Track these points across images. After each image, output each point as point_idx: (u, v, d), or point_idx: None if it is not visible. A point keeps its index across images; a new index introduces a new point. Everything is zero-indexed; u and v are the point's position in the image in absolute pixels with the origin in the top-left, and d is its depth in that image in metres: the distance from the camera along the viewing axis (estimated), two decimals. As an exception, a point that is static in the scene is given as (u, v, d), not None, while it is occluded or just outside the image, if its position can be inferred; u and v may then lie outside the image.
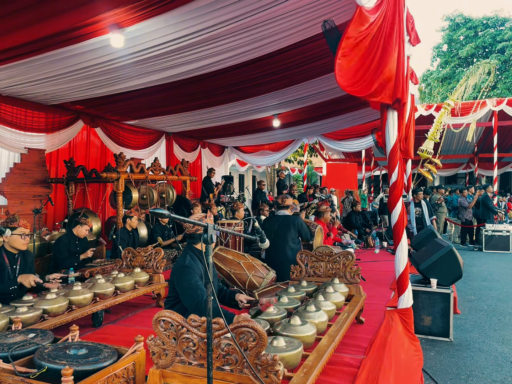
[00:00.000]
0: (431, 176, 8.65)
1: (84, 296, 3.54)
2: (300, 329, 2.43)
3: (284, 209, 5.43)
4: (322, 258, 3.96)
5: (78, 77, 5.32)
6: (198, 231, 2.99)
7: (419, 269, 4.77)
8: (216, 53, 4.87)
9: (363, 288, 3.79)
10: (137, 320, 4.01)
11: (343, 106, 8.52)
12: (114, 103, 6.83)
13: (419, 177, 8.77)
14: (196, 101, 7.23)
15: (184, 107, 7.57)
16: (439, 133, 7.97)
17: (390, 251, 7.77)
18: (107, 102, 6.73)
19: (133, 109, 7.54)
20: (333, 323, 2.89)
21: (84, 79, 5.43)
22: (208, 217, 2.95)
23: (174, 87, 6.10)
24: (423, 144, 7.95)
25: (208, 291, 1.64)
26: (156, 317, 2.02)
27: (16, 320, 2.72)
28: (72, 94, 6.20)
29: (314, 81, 6.60)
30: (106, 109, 7.33)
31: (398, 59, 3.42)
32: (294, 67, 5.85)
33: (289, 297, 3.16)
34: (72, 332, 2.32)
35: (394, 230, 3.75)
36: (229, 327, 1.86)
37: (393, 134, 3.70)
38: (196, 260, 2.96)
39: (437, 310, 4.47)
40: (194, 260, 2.93)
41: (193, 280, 2.79)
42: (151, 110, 7.67)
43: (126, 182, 6.84)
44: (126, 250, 4.79)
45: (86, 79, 5.43)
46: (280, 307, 2.88)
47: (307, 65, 5.81)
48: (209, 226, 1.71)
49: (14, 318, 2.74)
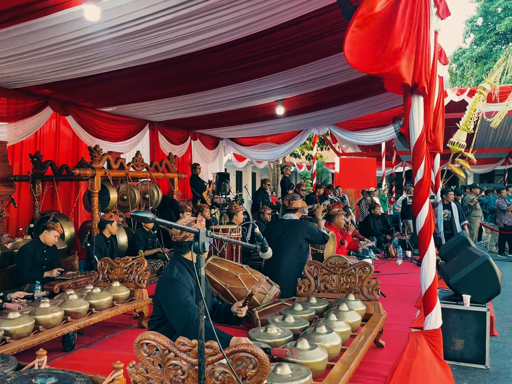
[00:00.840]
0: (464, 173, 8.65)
1: (53, 315, 3.54)
2: (308, 354, 2.43)
3: (292, 212, 5.42)
4: (334, 270, 3.95)
5: (45, 57, 5.31)
6: (187, 238, 2.99)
7: (449, 283, 4.77)
8: (209, 28, 4.87)
9: (383, 306, 3.79)
10: (116, 343, 4.01)
11: (359, 90, 8.52)
12: (88, 86, 6.83)
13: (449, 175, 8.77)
14: (186, 84, 7.23)
15: (172, 91, 7.57)
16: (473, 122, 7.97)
17: (415, 262, 7.76)
18: (80, 85, 6.73)
19: (111, 94, 7.54)
20: (347, 347, 2.88)
21: (53, 59, 5.42)
22: (198, 221, 2.95)
23: (159, 67, 6.10)
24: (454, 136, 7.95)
25: (200, 309, 1.65)
26: (139, 340, 2.01)
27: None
28: (39, 77, 6.20)
29: (325, 61, 6.60)
30: (79, 94, 7.33)
31: (418, 34, 3.40)
32: (301, 44, 5.85)
33: (295, 316, 3.16)
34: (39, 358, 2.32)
35: (420, 237, 3.75)
36: (225, 352, 1.85)
37: (419, 123, 3.70)
38: (186, 273, 2.96)
39: (470, 332, 4.47)
40: (183, 272, 2.93)
41: (182, 296, 2.79)
42: (132, 95, 7.68)
43: (102, 180, 6.83)
44: (103, 261, 4.78)
45: (55, 59, 5.43)
46: (285, 328, 2.88)
47: (316, 42, 5.81)
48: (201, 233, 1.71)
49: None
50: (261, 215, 7.93)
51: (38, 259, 5.19)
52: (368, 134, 12.38)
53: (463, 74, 28.93)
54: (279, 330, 2.81)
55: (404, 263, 7.82)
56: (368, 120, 11.94)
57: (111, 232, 6.20)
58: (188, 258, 3.03)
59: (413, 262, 7.83)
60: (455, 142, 7.83)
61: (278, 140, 13.55)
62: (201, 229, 1.74)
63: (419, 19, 3.41)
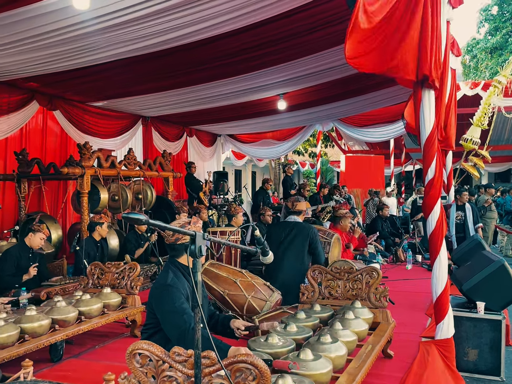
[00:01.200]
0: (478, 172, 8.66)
1: (40, 323, 3.54)
2: (312, 365, 2.43)
3: (295, 215, 5.43)
4: (340, 275, 3.95)
5: (32, 48, 5.31)
6: (179, 241, 2.98)
7: (462, 289, 4.77)
8: (206, 17, 4.87)
9: (392, 314, 3.79)
10: (107, 353, 4.01)
11: (367, 83, 8.52)
12: (77, 79, 6.83)
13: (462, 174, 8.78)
14: (182, 77, 7.23)
15: (166, 84, 7.57)
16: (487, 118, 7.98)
17: (425, 267, 7.77)
18: (68, 78, 6.73)
19: (102, 88, 7.54)
20: (353, 358, 2.89)
21: (39, 50, 5.42)
22: (193, 223, 2.94)
23: (152, 59, 6.10)
24: (467, 132, 7.96)
25: (196, 317, 1.65)
26: (131, 349, 2.01)
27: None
28: (25, 69, 6.20)
29: (329, 52, 6.60)
30: (67, 87, 7.33)
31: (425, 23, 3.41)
32: (304, 34, 5.85)
33: (298, 324, 3.16)
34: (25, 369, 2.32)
35: (431, 240, 3.75)
36: (223, 363, 1.86)
37: (430, 119, 3.70)
38: (181, 278, 2.95)
39: (485, 342, 4.46)
40: (178, 278, 2.93)
41: (178, 303, 2.79)
42: (124, 89, 7.68)
43: (92, 180, 6.83)
44: (93, 265, 4.79)
45: (42, 50, 5.43)
46: (287, 338, 2.88)
47: (320, 32, 5.81)
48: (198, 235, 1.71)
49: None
50: (262, 216, 7.92)
51: (23, 263, 5.19)
52: (376, 130, 12.37)
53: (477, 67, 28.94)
54: (281, 340, 2.81)
55: (414, 268, 7.83)
56: (376, 116, 11.93)
57: (101, 234, 6.21)
58: (183, 262, 3.02)
59: (424, 267, 7.84)
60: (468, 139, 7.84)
61: (279, 137, 13.55)
62: (197, 231, 1.74)
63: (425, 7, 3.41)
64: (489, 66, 27.84)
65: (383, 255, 8.39)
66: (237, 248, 5.67)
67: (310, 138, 18.12)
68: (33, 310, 3.66)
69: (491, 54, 28.42)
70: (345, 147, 18.98)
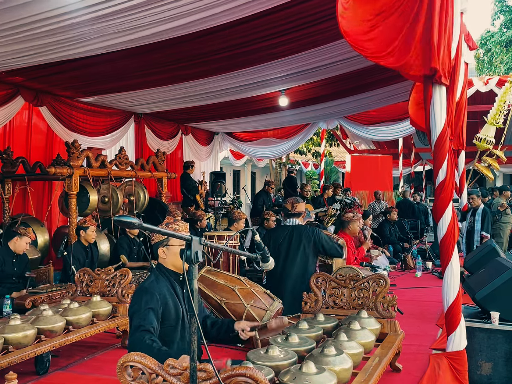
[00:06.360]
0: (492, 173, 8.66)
1: (25, 334, 3.53)
2: (315, 379, 2.43)
3: (295, 217, 5.43)
4: (345, 283, 3.95)
5: (16, 39, 5.30)
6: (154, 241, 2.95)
7: (475, 298, 4.77)
8: (202, 8, 4.87)
9: (400, 324, 3.79)
10: (96, 365, 4.01)
11: (374, 78, 8.53)
12: (65, 73, 6.83)
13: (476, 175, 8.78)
14: (176, 71, 7.23)
15: (159, 79, 7.57)
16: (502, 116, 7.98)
17: (436, 274, 7.77)
18: (56, 72, 6.73)
19: (91, 82, 7.54)
20: (359, 371, 2.89)
21: (25, 41, 5.42)
22: (174, 223, 2.87)
23: (144, 52, 6.10)
24: (480, 131, 7.96)
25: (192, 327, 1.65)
26: (122, 361, 2.01)
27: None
28: (9, 61, 6.18)
29: (334, 45, 6.60)
30: (54, 81, 7.33)
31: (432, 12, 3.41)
32: (307, 26, 5.86)
33: (300, 335, 3.16)
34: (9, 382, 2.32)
35: (442, 246, 3.75)
36: (220, 376, 1.86)
37: (441, 117, 3.70)
38: (163, 283, 2.87)
39: (499, 354, 4.46)
40: (159, 282, 2.85)
41: (144, 307, 2.69)
42: (115, 83, 7.68)
43: (81, 180, 6.83)
44: (82, 272, 4.78)
45: (27, 42, 5.43)
46: (288, 350, 2.88)
47: (324, 24, 5.82)
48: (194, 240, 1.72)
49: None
50: (266, 222, 7.84)
51: (7, 269, 5.19)
52: (383, 128, 12.38)
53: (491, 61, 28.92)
54: (282, 352, 2.81)
55: (424, 275, 7.84)
56: (384, 113, 11.94)
57: (87, 240, 6.14)
58: (167, 266, 2.93)
59: (434, 274, 7.85)
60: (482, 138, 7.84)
61: (281, 135, 13.55)
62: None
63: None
64: (504, 60, 27.82)
65: (391, 261, 8.39)
66: (235, 253, 5.67)
67: (313, 137, 18.12)
68: (18, 320, 3.66)
69: (506, 48, 28.40)
70: (350, 146, 18.98)
